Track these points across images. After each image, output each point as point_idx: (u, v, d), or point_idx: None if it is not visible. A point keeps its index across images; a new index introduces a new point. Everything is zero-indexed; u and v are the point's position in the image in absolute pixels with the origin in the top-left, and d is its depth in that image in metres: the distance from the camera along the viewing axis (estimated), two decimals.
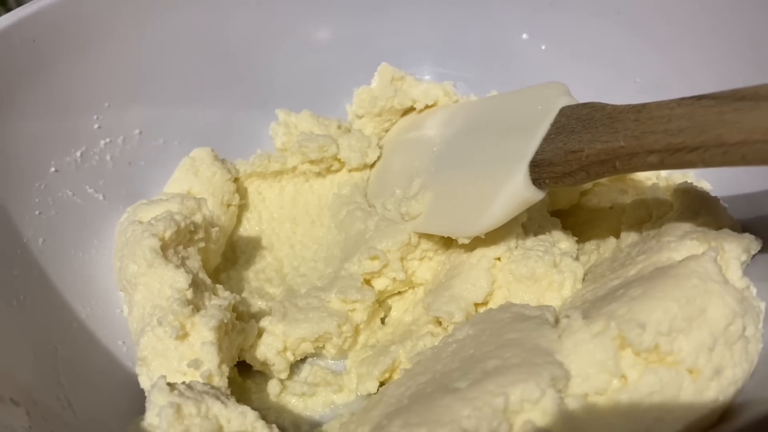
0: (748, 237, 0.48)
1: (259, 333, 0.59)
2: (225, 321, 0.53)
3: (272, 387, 0.59)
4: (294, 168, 0.74)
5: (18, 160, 0.57)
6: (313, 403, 0.59)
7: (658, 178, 0.65)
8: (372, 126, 0.78)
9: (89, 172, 0.64)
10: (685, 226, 0.52)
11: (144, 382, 0.52)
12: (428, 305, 0.57)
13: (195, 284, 0.55)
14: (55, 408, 0.50)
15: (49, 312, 0.55)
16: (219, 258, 0.68)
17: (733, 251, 0.47)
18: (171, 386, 0.44)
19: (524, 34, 0.75)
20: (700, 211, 0.53)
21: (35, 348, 0.52)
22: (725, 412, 0.42)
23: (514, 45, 0.76)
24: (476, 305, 0.57)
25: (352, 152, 0.73)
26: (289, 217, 0.74)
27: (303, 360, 0.63)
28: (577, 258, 0.59)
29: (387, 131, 0.79)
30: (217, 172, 0.69)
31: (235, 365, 0.58)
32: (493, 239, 0.58)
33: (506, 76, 0.76)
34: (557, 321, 0.48)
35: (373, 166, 0.76)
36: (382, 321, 0.65)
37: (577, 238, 0.62)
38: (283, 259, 0.72)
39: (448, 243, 0.63)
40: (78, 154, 0.63)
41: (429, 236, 0.63)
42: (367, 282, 0.63)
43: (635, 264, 0.51)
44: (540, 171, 0.51)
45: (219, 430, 0.43)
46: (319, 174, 0.75)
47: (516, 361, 0.42)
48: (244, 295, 0.65)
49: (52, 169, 0.60)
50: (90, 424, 0.51)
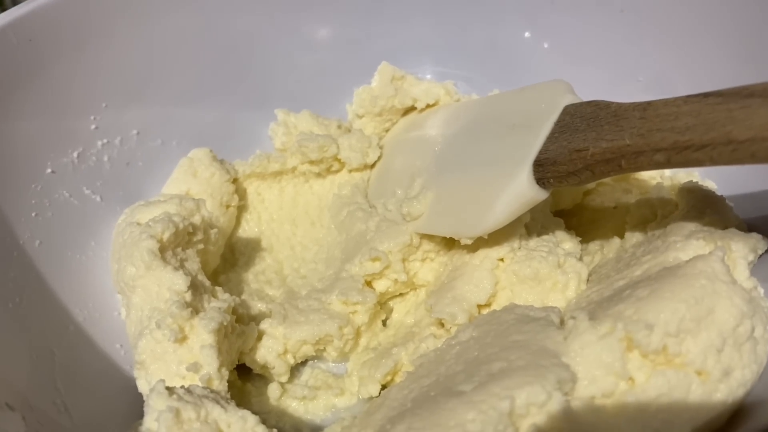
0: (755, 236, 0.48)
1: (259, 336, 0.58)
2: (224, 324, 0.52)
3: (272, 390, 0.58)
4: (294, 168, 0.73)
5: (14, 161, 0.57)
6: (314, 406, 0.58)
7: (663, 177, 0.64)
8: (372, 126, 0.77)
9: (86, 173, 0.63)
10: (690, 226, 0.51)
11: (142, 386, 0.51)
12: (431, 307, 0.57)
13: (194, 286, 0.54)
14: (52, 413, 0.49)
15: (46, 315, 0.54)
16: (218, 260, 0.67)
17: (740, 251, 0.47)
18: (170, 390, 0.43)
19: (526, 33, 0.74)
20: (705, 210, 0.53)
21: (31, 352, 0.51)
22: (734, 414, 0.41)
23: (516, 43, 0.75)
24: (479, 307, 0.56)
25: (353, 152, 0.72)
26: (289, 218, 0.74)
27: (303, 363, 0.62)
28: (581, 258, 0.59)
29: (387, 131, 0.78)
30: (216, 173, 0.69)
31: (234, 368, 0.57)
32: (496, 240, 0.57)
33: (508, 75, 0.75)
34: (562, 322, 0.47)
35: (373, 166, 0.75)
36: (384, 323, 0.65)
37: (580, 239, 0.61)
38: (283, 261, 0.71)
39: (450, 244, 0.62)
40: (75, 154, 0.62)
41: (431, 237, 0.63)
42: (369, 283, 0.63)
43: (641, 264, 0.50)
44: (544, 170, 0.50)
45: None
46: (319, 174, 0.74)
47: (521, 364, 0.41)
48: (243, 297, 0.64)
49: (49, 170, 0.60)
50: (87, 429, 0.51)
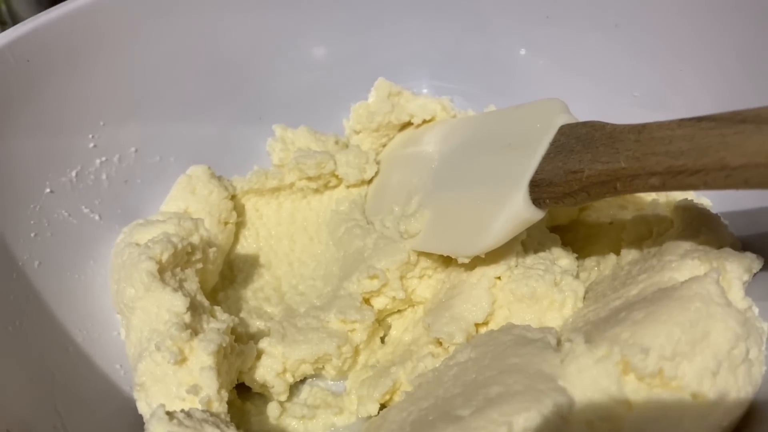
0: (749, 256, 0.48)
1: (258, 355, 0.58)
2: (224, 345, 0.52)
3: (272, 410, 0.58)
4: (291, 184, 0.73)
5: (12, 181, 0.57)
6: (314, 425, 0.58)
7: (658, 194, 0.64)
8: (369, 141, 0.78)
9: (85, 191, 0.63)
10: (686, 245, 0.52)
11: (142, 407, 0.51)
12: (429, 326, 0.57)
13: (193, 307, 0.54)
14: None
15: (46, 337, 0.54)
16: (216, 277, 0.68)
17: (735, 271, 0.47)
18: (170, 415, 0.43)
19: (522, 49, 0.74)
20: (701, 228, 0.53)
21: (32, 375, 0.51)
22: None
23: (512, 59, 0.75)
24: (477, 325, 0.56)
25: (350, 168, 0.72)
26: (287, 234, 0.74)
27: (302, 381, 0.62)
28: (578, 275, 0.59)
29: (384, 146, 0.79)
30: (214, 190, 0.69)
31: (234, 387, 0.57)
32: (493, 258, 0.57)
33: (504, 91, 0.75)
34: (559, 343, 0.48)
35: (370, 181, 0.76)
36: (382, 340, 0.65)
37: (576, 255, 0.61)
38: (281, 277, 0.71)
39: (447, 261, 0.63)
40: (73, 173, 0.62)
41: (428, 254, 0.63)
42: (367, 301, 0.63)
43: (636, 283, 0.51)
44: (540, 191, 0.50)
45: None
46: (316, 190, 0.75)
47: (519, 388, 0.41)
48: (242, 315, 0.64)
49: (47, 189, 0.60)
50: None
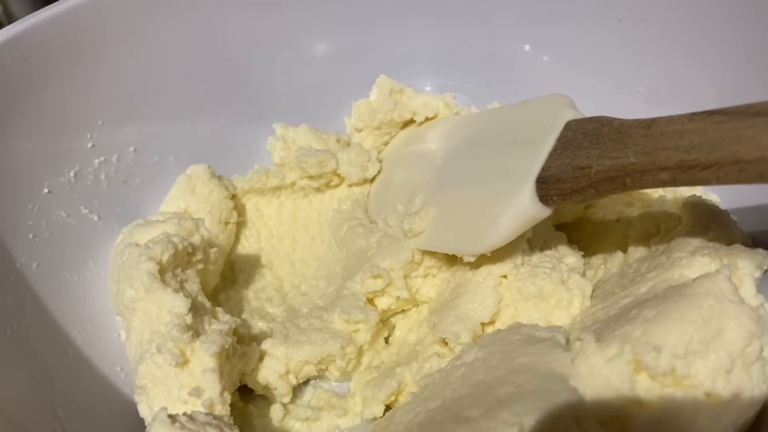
0: (761, 252, 0.47)
1: (261, 356, 0.57)
2: (226, 346, 0.51)
3: (275, 412, 0.57)
4: (293, 183, 0.72)
5: (10, 182, 0.56)
6: (318, 428, 0.57)
7: (665, 191, 0.64)
8: (371, 139, 0.77)
9: (83, 192, 0.62)
10: (695, 242, 0.51)
11: (143, 411, 0.50)
12: (434, 326, 0.56)
13: (194, 308, 0.53)
14: None
15: (45, 340, 0.53)
16: (218, 278, 0.67)
17: (747, 268, 0.46)
18: (172, 418, 0.42)
19: (526, 45, 0.74)
20: (710, 225, 0.52)
21: (31, 379, 0.50)
22: None
23: (516, 56, 0.75)
24: (483, 325, 0.55)
25: (352, 167, 0.72)
26: (289, 233, 0.73)
27: (305, 382, 0.61)
28: (584, 274, 0.58)
29: (386, 144, 0.78)
30: (214, 190, 0.68)
31: (236, 390, 0.56)
32: (498, 256, 0.56)
33: (508, 88, 0.75)
34: (568, 342, 0.47)
35: (373, 180, 0.75)
36: (386, 340, 0.64)
37: (582, 253, 0.60)
38: (283, 278, 0.70)
39: (452, 260, 0.62)
40: (72, 173, 0.61)
41: (432, 253, 0.62)
42: (370, 301, 0.62)
43: (646, 281, 0.50)
44: (547, 188, 0.49)
45: None
46: (318, 189, 0.74)
47: (529, 388, 0.40)
48: (244, 316, 0.63)
49: (45, 190, 0.59)
50: None
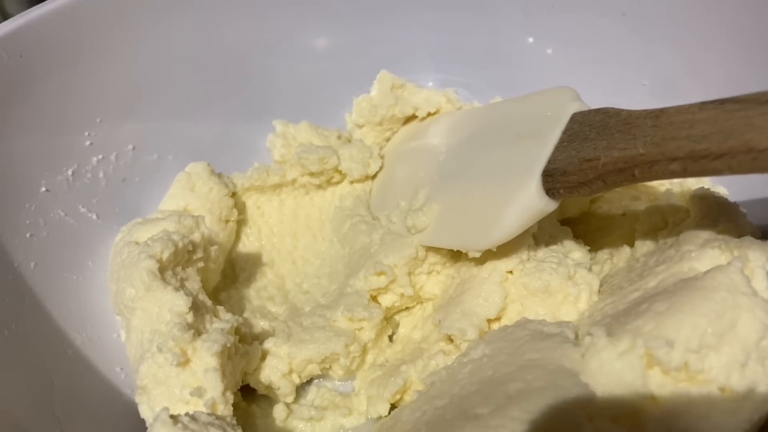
0: None
1: (263, 355, 0.57)
2: (228, 345, 0.50)
3: (278, 412, 0.57)
4: (293, 181, 0.71)
5: (7, 180, 0.55)
6: (322, 427, 0.57)
7: (672, 184, 0.63)
8: (373, 135, 0.76)
9: (82, 190, 0.61)
10: (704, 234, 0.50)
11: (144, 411, 0.49)
12: (439, 322, 0.55)
13: (195, 307, 0.52)
14: None
15: (43, 341, 0.53)
16: (218, 277, 0.66)
17: (758, 260, 0.45)
18: (174, 419, 0.41)
19: (530, 38, 0.73)
20: (719, 218, 0.51)
21: (29, 380, 0.49)
22: (760, 431, 0.40)
23: (519, 49, 0.74)
24: (489, 321, 0.54)
25: (354, 163, 0.71)
26: (290, 231, 0.72)
27: (309, 381, 0.61)
28: (591, 268, 0.57)
29: (388, 140, 0.77)
30: (214, 187, 0.67)
31: (239, 389, 0.55)
32: (504, 251, 0.56)
33: (511, 81, 0.73)
34: (577, 337, 0.46)
35: (375, 177, 0.74)
36: (390, 338, 0.63)
37: (589, 248, 0.60)
38: (284, 276, 0.70)
39: (456, 256, 0.61)
40: (70, 172, 0.60)
41: (437, 249, 0.61)
42: (374, 298, 0.61)
43: (655, 275, 0.49)
44: (553, 181, 0.49)
45: None
46: (319, 186, 0.73)
47: (539, 384, 0.39)
48: (245, 315, 0.62)
49: (43, 188, 0.58)
50: None
